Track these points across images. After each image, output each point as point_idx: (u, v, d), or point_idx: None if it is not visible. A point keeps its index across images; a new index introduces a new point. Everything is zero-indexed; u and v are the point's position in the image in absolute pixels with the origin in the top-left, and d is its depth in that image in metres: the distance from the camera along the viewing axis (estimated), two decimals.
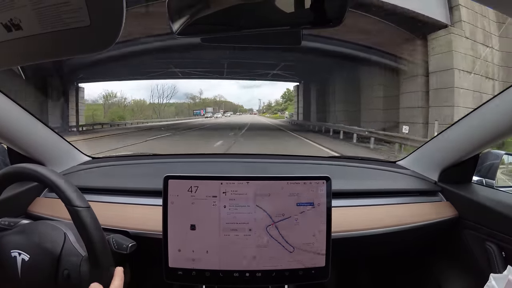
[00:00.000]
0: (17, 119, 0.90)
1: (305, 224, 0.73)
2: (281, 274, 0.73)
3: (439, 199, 0.99)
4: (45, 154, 1.01)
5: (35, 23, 0.34)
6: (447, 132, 0.99)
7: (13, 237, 0.66)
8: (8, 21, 0.34)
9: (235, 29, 0.52)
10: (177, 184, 0.72)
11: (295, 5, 0.47)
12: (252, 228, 0.73)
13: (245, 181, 0.73)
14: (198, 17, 0.46)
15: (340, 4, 0.44)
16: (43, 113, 10.74)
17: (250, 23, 0.50)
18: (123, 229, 0.81)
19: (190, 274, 0.73)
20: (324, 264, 0.74)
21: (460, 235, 0.93)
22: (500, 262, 0.81)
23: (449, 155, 0.97)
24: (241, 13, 0.48)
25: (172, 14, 0.47)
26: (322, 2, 0.45)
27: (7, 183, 0.69)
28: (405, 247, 1.02)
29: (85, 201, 0.63)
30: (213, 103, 41.24)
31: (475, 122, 0.87)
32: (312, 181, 0.73)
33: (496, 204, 0.84)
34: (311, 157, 1.34)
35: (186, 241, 0.72)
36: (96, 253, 0.60)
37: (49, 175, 0.63)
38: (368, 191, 1.00)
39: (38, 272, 0.63)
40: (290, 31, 0.55)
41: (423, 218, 0.91)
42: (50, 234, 0.67)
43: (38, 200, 0.94)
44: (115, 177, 1.11)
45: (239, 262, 0.72)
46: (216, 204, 0.72)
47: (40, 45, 0.37)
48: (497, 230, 0.82)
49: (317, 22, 0.47)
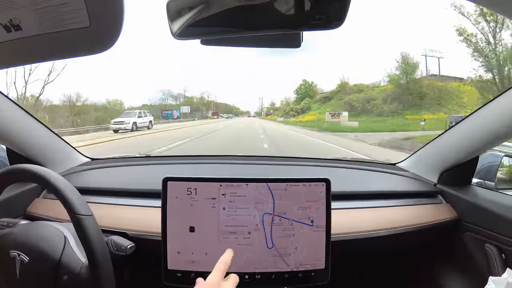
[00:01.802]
0: (16, 120, 0.90)
1: (305, 226, 0.73)
2: (281, 276, 0.73)
3: (438, 201, 0.99)
4: (44, 155, 1.01)
5: (35, 23, 0.34)
6: (446, 134, 0.99)
7: (13, 237, 0.66)
8: (8, 22, 0.34)
9: (235, 31, 0.52)
10: (176, 185, 0.72)
11: (295, 7, 0.47)
12: (251, 230, 0.72)
13: (244, 183, 0.72)
14: (198, 19, 0.46)
15: (341, 6, 0.44)
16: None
17: (250, 25, 0.50)
18: (122, 231, 0.80)
19: (189, 276, 0.72)
20: (324, 267, 0.73)
21: (460, 237, 0.93)
22: (500, 264, 0.81)
23: (448, 157, 0.97)
24: (241, 15, 0.48)
25: (171, 16, 0.47)
26: (323, 4, 0.45)
27: (7, 183, 0.69)
28: (405, 249, 1.02)
29: (88, 208, 0.62)
30: (200, 103, 34.16)
31: (474, 124, 0.87)
32: (312, 183, 0.73)
33: (495, 206, 0.84)
34: (311, 159, 1.34)
35: (185, 243, 0.72)
36: (97, 263, 0.60)
37: (52, 179, 0.63)
38: (368, 193, 1.00)
39: (37, 275, 0.63)
40: (290, 33, 0.55)
41: (423, 220, 0.91)
42: (50, 237, 0.66)
43: (37, 201, 0.94)
44: (114, 179, 1.11)
45: (238, 264, 0.72)
46: (215, 206, 0.72)
47: (40, 45, 0.37)
48: (497, 232, 0.82)
49: (318, 24, 0.47)
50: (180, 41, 0.50)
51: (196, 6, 0.44)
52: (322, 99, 29.70)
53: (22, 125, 0.92)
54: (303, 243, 0.73)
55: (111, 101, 26.40)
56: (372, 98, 23.97)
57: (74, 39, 0.36)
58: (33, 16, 0.33)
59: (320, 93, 31.14)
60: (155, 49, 46.63)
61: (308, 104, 31.05)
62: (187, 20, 0.45)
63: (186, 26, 0.47)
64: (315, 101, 30.54)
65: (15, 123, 0.89)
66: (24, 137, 0.93)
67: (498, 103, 0.79)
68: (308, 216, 0.73)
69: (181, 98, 32.60)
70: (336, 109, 25.05)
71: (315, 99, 30.84)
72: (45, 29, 0.34)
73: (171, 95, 32.00)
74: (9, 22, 0.34)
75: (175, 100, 32.09)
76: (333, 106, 26.77)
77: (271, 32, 0.52)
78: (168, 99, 31.94)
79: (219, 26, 0.50)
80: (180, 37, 0.49)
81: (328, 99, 29.03)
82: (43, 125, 1.00)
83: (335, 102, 27.39)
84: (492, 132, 0.81)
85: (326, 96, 29.43)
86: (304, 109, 31.11)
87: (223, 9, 0.45)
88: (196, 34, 0.51)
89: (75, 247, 0.66)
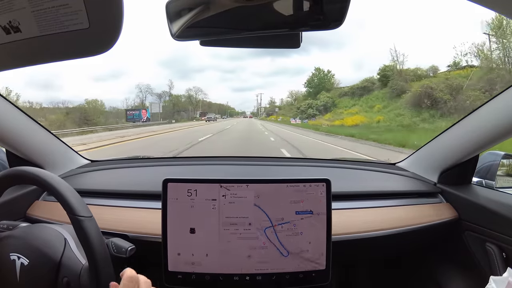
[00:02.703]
0: (16, 122, 0.90)
1: (305, 227, 0.73)
2: (282, 277, 0.73)
3: (439, 201, 0.99)
4: (44, 157, 1.01)
5: (34, 25, 0.34)
6: (446, 133, 0.99)
7: (13, 240, 0.66)
8: (7, 24, 0.34)
9: (234, 32, 0.52)
10: (176, 187, 0.72)
11: (294, 7, 0.47)
12: (251, 231, 0.72)
13: (244, 184, 0.72)
14: (197, 20, 0.46)
15: (341, 6, 0.44)
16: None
17: (249, 26, 0.50)
18: (122, 233, 0.80)
19: (190, 278, 0.72)
20: (324, 267, 0.73)
21: (460, 237, 0.93)
22: (501, 263, 0.81)
23: (448, 157, 0.97)
24: (240, 16, 0.48)
25: (171, 17, 0.47)
26: (322, 5, 0.45)
27: (7, 185, 0.69)
28: (405, 249, 1.02)
29: (87, 210, 0.62)
30: (188, 102, 27.95)
31: (474, 123, 0.87)
32: (312, 184, 0.73)
33: (496, 205, 0.84)
34: (311, 159, 1.34)
35: (185, 245, 0.72)
36: (97, 265, 0.59)
37: (52, 180, 0.63)
38: (368, 193, 1.00)
39: (37, 278, 0.62)
40: (289, 33, 0.55)
41: (423, 220, 0.91)
42: (50, 239, 0.66)
43: (37, 203, 0.94)
44: (114, 180, 1.11)
45: (239, 266, 0.72)
46: (216, 207, 0.72)
47: (39, 47, 0.37)
48: (498, 231, 0.82)
49: (317, 25, 0.47)
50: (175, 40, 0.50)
51: (195, 7, 0.44)
52: (349, 93, 21.57)
53: (22, 128, 0.92)
54: (303, 243, 0.73)
55: (90, 101, 22.36)
56: (461, 87, 14.46)
57: (73, 41, 0.36)
58: (32, 18, 0.33)
59: (339, 86, 23.26)
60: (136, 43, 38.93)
61: (331, 99, 22.42)
62: (186, 21, 0.45)
63: (186, 27, 0.46)
64: (340, 94, 22.37)
65: (14, 126, 0.89)
66: (23, 140, 0.93)
67: (498, 102, 0.79)
68: (308, 216, 0.73)
69: (166, 97, 26.82)
70: (389, 104, 17.39)
71: (337, 92, 22.69)
72: (44, 30, 0.34)
73: (150, 91, 25.47)
74: (8, 23, 0.34)
75: (159, 99, 26.03)
76: (379, 99, 18.78)
77: (270, 32, 0.52)
78: (147, 97, 25.22)
79: (219, 27, 0.50)
80: (180, 38, 0.49)
81: (365, 90, 20.36)
82: (43, 127, 1.00)
83: (381, 94, 18.96)
84: (492, 130, 0.81)
85: (358, 86, 20.95)
86: (328, 105, 22.22)
87: (222, 10, 0.45)
88: (195, 35, 0.51)
89: (75, 249, 0.66)
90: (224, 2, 0.44)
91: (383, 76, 19.27)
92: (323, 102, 22.16)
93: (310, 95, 24.31)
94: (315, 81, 24.82)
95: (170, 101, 26.83)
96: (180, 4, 0.46)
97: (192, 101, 28.73)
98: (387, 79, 18.87)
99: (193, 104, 28.74)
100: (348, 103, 21.05)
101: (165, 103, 26.31)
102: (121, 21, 0.34)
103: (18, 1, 0.32)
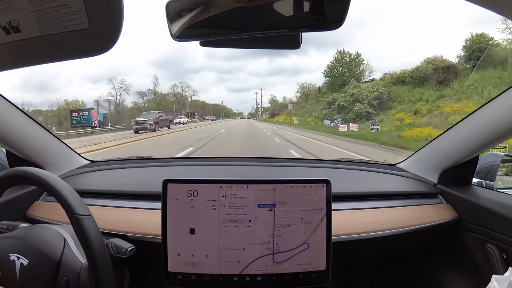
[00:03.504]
0: (16, 122, 0.90)
1: (305, 227, 0.73)
2: (282, 278, 0.72)
3: (439, 202, 0.99)
4: (44, 157, 1.01)
5: (34, 25, 0.34)
6: (446, 134, 0.99)
7: (12, 240, 0.66)
8: (7, 24, 0.34)
9: (234, 33, 0.52)
10: (176, 188, 0.72)
11: (294, 8, 0.47)
12: (252, 231, 0.72)
13: (244, 185, 0.72)
14: (197, 20, 0.46)
15: (341, 7, 0.44)
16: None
17: (250, 27, 0.50)
18: (122, 233, 0.80)
19: (190, 279, 0.72)
20: (324, 268, 0.73)
21: (461, 237, 0.93)
22: (501, 263, 0.81)
23: (448, 157, 0.97)
24: (240, 17, 0.48)
25: (171, 17, 0.47)
26: (322, 6, 0.45)
27: (6, 186, 0.69)
28: (405, 249, 1.02)
29: (86, 209, 0.62)
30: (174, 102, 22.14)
31: (474, 124, 0.87)
32: (312, 185, 0.73)
33: (496, 206, 0.83)
34: (311, 160, 1.34)
35: (185, 245, 0.72)
36: (96, 263, 0.60)
37: (50, 180, 0.63)
38: (368, 194, 1.00)
39: (37, 277, 0.62)
40: (290, 34, 0.55)
41: (423, 221, 0.91)
42: (49, 239, 0.66)
43: (37, 204, 0.94)
44: (114, 181, 1.11)
45: (239, 266, 0.72)
46: (216, 208, 0.72)
47: (39, 47, 0.37)
48: (498, 232, 0.82)
49: (317, 25, 0.47)
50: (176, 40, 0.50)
51: (195, 7, 0.44)
52: (399, 81, 14.51)
53: (22, 128, 0.92)
54: (303, 244, 0.73)
55: (70, 103, 19.57)
56: None
57: (73, 41, 0.36)
58: (32, 18, 0.33)
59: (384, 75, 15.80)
60: None
61: (385, 88, 14.43)
62: (186, 21, 0.45)
63: (186, 28, 0.46)
64: (385, 84, 14.97)
65: (14, 126, 0.89)
66: (23, 140, 0.93)
67: (498, 103, 0.79)
68: (308, 217, 0.73)
69: (151, 95, 21.95)
70: None
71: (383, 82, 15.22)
72: (44, 31, 0.34)
73: (125, 88, 20.13)
74: (8, 24, 0.34)
75: (140, 98, 21.35)
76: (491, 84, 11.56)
77: (270, 33, 0.52)
78: (122, 95, 20.38)
79: (219, 28, 0.50)
80: (180, 38, 0.49)
81: (437, 74, 13.14)
82: (43, 127, 1.00)
83: (492, 75, 11.74)
84: (492, 131, 0.81)
85: (421, 70, 13.72)
86: (384, 99, 14.58)
87: (222, 10, 0.45)
88: (195, 35, 0.51)
89: (75, 248, 0.66)
90: (224, 3, 0.44)
91: (477, 51, 12.51)
92: (377, 93, 14.25)
93: (332, 87, 18.09)
94: (338, 68, 18.27)
95: (153, 100, 21.95)
96: (180, 5, 0.46)
97: (178, 99, 22.96)
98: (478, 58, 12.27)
99: (179, 103, 22.83)
100: (429, 95, 13.40)
101: (147, 102, 21.75)
102: (121, 21, 0.34)
103: (18, 1, 0.32)
